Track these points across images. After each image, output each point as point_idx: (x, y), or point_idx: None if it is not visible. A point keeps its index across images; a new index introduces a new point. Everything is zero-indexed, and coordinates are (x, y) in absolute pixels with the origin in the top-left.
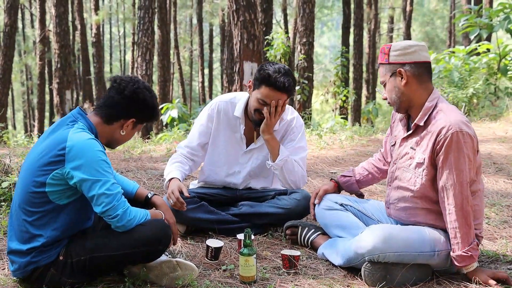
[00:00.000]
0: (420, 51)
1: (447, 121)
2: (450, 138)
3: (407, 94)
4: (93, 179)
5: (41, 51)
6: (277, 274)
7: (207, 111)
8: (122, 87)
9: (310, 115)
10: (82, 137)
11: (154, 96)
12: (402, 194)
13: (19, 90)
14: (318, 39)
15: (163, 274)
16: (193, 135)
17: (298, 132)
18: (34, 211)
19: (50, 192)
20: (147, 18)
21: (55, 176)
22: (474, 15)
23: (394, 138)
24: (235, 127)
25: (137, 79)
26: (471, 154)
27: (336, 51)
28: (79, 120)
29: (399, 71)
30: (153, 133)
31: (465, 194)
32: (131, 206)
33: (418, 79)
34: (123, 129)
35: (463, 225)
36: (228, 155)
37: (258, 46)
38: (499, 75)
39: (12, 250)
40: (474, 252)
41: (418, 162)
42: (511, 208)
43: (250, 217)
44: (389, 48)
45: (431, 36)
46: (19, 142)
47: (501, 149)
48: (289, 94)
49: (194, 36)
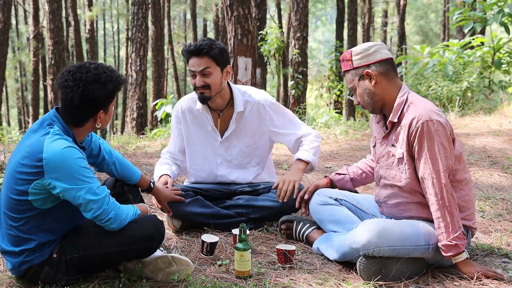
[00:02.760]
0: (380, 50)
1: (416, 112)
2: (421, 128)
3: (379, 94)
4: (76, 188)
5: (35, 47)
6: (273, 269)
7: (174, 114)
8: (69, 97)
9: (304, 110)
10: (59, 147)
11: (104, 79)
12: (390, 191)
13: (13, 86)
14: (312, 34)
15: (158, 269)
16: (171, 141)
17: (275, 108)
18: (19, 217)
19: (33, 200)
20: (141, 14)
21: (36, 186)
22: (468, 9)
23: (375, 139)
24: (203, 121)
25: (80, 76)
26: (445, 141)
27: (330, 46)
28: (55, 124)
29: (366, 72)
30: (148, 129)
31: (444, 183)
32: (119, 203)
33: (386, 76)
34: (97, 122)
35: (445, 214)
36: (205, 150)
37: (252, 41)
38: (493, 68)
39: (4, 250)
40: (460, 241)
41: (398, 158)
42: (506, 201)
43: (246, 210)
44: (351, 53)
45: (425, 30)
46: (13, 139)
47: (496, 142)
48: (210, 57)
49: (188, 31)
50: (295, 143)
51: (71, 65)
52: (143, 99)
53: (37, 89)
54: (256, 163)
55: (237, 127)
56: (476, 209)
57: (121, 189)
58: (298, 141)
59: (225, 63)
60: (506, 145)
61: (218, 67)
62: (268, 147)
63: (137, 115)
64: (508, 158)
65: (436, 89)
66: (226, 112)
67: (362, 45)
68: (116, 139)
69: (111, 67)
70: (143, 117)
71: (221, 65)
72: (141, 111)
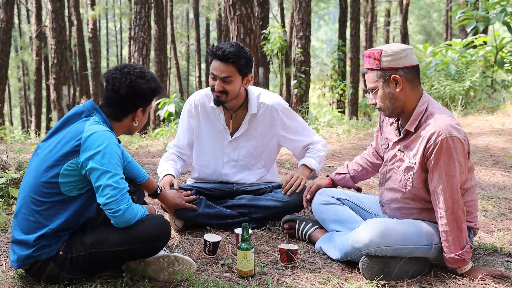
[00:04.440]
0: (410, 55)
1: (436, 127)
2: (440, 144)
3: (401, 100)
4: (103, 169)
5: (38, 46)
6: (275, 268)
7: (186, 108)
8: (116, 87)
9: (307, 109)
10: (99, 129)
11: (149, 77)
12: (394, 196)
13: (16, 86)
14: (315, 33)
15: (161, 269)
16: (179, 134)
17: (288, 113)
18: (44, 201)
19: (62, 183)
20: (144, 13)
21: (69, 166)
22: (471, 8)
23: (386, 140)
24: (215, 118)
25: (127, 70)
26: (461, 158)
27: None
28: (94, 114)
29: (394, 77)
30: (150, 128)
31: (456, 199)
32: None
33: (411, 83)
34: (135, 121)
35: (454, 229)
36: (213, 147)
37: (254, 41)
38: (496, 67)
39: (16, 240)
40: (467, 255)
41: (408, 166)
42: (508, 200)
43: (248, 210)
44: (380, 53)
45: (428, 29)
46: (16, 138)
47: (498, 141)
48: (235, 65)
49: (190, 30)
50: (302, 150)
51: (117, 64)
52: None
53: (39, 88)
54: (262, 165)
55: (248, 128)
56: (479, 208)
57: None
58: (305, 148)
59: (248, 72)
60: (509, 144)
61: (240, 76)
62: (275, 150)
63: None
64: (511, 158)
65: (438, 88)
66: (239, 112)
67: (392, 46)
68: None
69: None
70: None
71: (244, 74)
72: None
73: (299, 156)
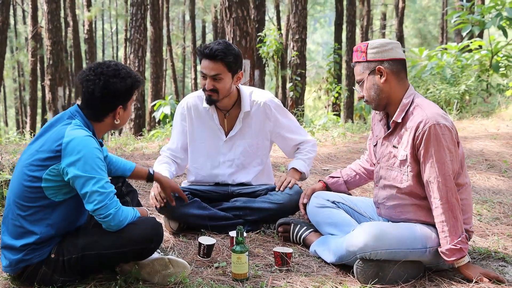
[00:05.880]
0: (396, 48)
1: (423, 115)
2: (428, 131)
3: (386, 91)
4: (87, 176)
5: (33, 47)
6: (270, 271)
7: (179, 111)
8: (90, 90)
9: (302, 112)
10: (80, 134)
11: (124, 75)
12: (389, 193)
13: (11, 86)
14: (311, 36)
15: (155, 271)
16: (173, 137)
17: (280, 110)
18: (29, 205)
19: (45, 187)
20: (140, 15)
21: (51, 171)
22: (466, 12)
23: (376, 138)
24: (209, 119)
25: (101, 70)
26: (451, 145)
27: (329, 48)
28: (76, 117)
29: (378, 68)
30: (146, 130)
31: (449, 186)
32: (122, 205)
33: (396, 76)
34: (116, 119)
35: (449, 218)
36: (208, 148)
37: (250, 43)
38: (491, 71)
39: (6, 245)
40: (463, 245)
41: (401, 160)
42: (503, 205)
43: (243, 212)
44: (366, 46)
45: (423, 33)
46: (11, 139)
47: (493, 146)
48: (223, 62)
49: (186, 32)
50: (293, 148)
51: (91, 63)
52: (141, 100)
53: (35, 89)
54: (258, 163)
55: (242, 127)
56: (474, 212)
57: (120, 191)
58: (295, 147)
59: (237, 69)
60: (504, 148)
61: (230, 73)
62: (270, 147)
63: (135, 116)
64: (506, 162)
65: (434, 92)
66: (233, 112)
67: (379, 40)
68: (113, 140)
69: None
70: (141, 118)
71: (233, 71)
72: (139, 112)
73: (289, 155)
